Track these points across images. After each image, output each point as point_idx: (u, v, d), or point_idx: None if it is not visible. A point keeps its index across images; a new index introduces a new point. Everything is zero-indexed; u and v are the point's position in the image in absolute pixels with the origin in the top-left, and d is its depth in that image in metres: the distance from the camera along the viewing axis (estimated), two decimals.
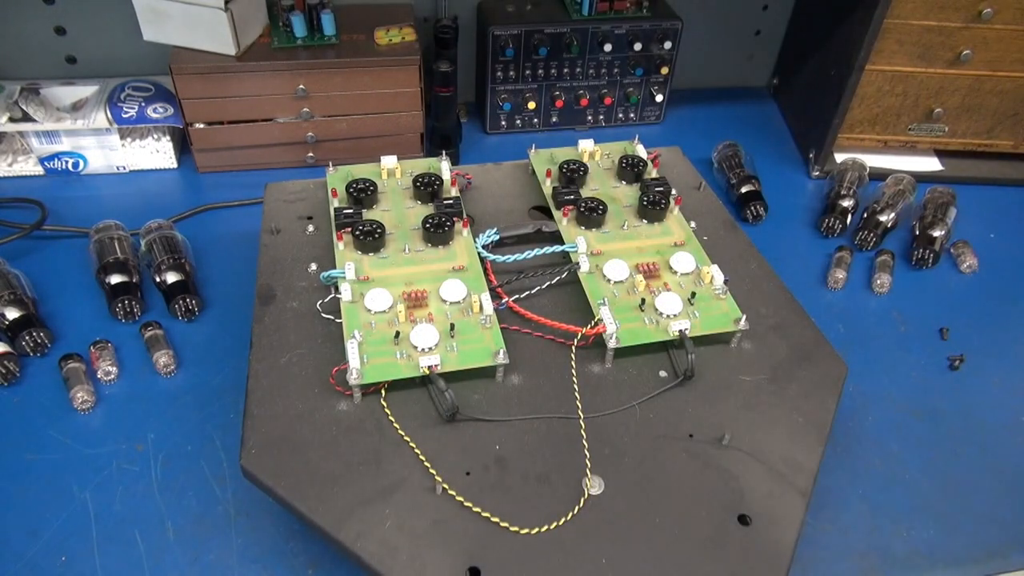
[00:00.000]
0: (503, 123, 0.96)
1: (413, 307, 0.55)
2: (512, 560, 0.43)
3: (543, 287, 0.59)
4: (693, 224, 0.65)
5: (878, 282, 0.77)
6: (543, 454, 0.48)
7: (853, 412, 0.65)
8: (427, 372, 0.49)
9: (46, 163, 0.85)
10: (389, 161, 0.68)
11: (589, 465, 0.47)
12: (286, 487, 0.45)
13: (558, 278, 0.59)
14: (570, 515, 0.45)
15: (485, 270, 0.59)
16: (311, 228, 0.64)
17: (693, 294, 0.57)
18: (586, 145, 0.72)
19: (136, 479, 0.57)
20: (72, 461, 0.58)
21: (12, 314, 0.64)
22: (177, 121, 0.83)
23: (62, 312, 0.69)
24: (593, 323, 0.55)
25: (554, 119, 0.97)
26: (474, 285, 0.57)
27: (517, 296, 0.58)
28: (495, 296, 0.57)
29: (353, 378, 0.49)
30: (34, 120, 0.81)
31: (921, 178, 0.89)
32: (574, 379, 0.53)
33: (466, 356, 0.51)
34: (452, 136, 0.90)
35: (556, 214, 0.64)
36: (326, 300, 0.56)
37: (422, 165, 0.69)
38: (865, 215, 0.83)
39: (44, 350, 0.65)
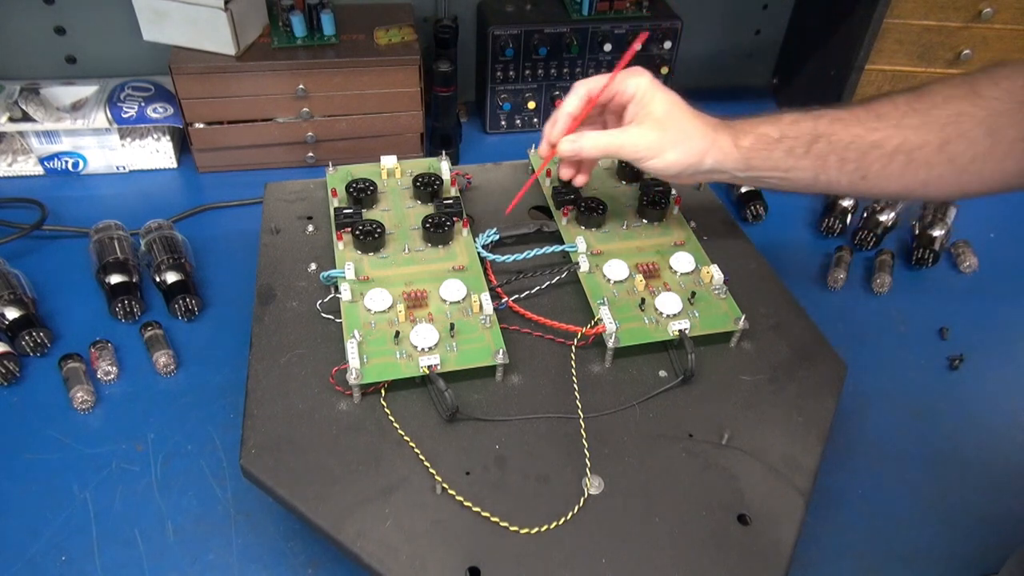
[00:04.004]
0: (503, 123, 0.96)
1: (413, 307, 0.55)
2: (512, 560, 0.43)
3: (543, 287, 0.59)
4: (693, 224, 0.65)
5: (878, 282, 0.77)
6: (543, 454, 0.48)
7: (853, 412, 0.65)
8: (427, 372, 0.49)
9: (46, 163, 0.85)
10: (389, 161, 0.67)
11: (589, 465, 0.47)
12: (286, 487, 0.45)
13: (558, 278, 0.59)
14: (570, 515, 0.45)
15: (485, 270, 0.59)
16: (311, 228, 0.64)
17: (693, 294, 0.57)
18: None
19: (136, 479, 0.57)
20: (72, 461, 0.58)
21: (12, 314, 0.64)
22: (177, 121, 0.83)
23: (62, 312, 0.69)
24: (593, 323, 0.55)
25: None
26: (474, 285, 0.57)
27: (517, 296, 0.58)
28: (495, 296, 0.57)
29: (353, 378, 0.49)
30: (34, 120, 0.81)
31: None
32: (574, 379, 0.53)
33: (466, 356, 0.51)
34: (452, 136, 0.90)
35: (556, 214, 0.64)
36: (326, 300, 0.56)
37: (422, 165, 0.69)
38: (865, 215, 0.83)
39: (44, 350, 0.65)
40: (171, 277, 0.69)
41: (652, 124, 0.54)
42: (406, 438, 0.48)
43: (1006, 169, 0.52)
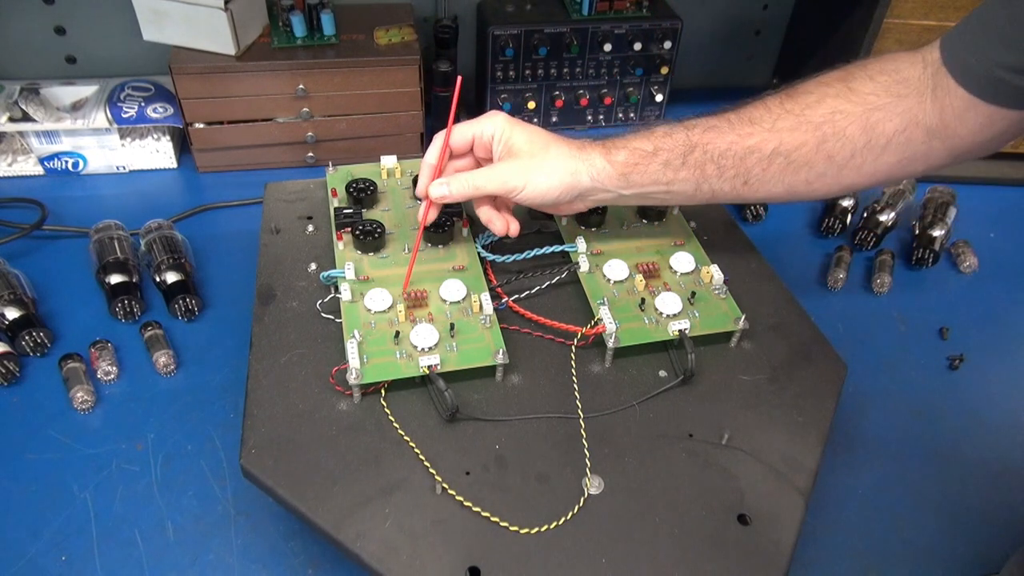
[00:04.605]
0: None
1: (413, 307, 0.55)
2: (512, 560, 0.43)
3: (543, 287, 0.59)
4: (693, 224, 0.65)
5: (878, 282, 0.77)
6: (543, 454, 0.48)
7: (853, 412, 0.65)
8: (427, 372, 0.49)
9: (46, 163, 0.85)
10: (389, 161, 0.68)
11: (589, 465, 0.47)
12: (286, 487, 0.45)
13: (558, 278, 0.59)
14: (570, 515, 0.45)
15: (485, 270, 0.59)
16: (311, 228, 0.64)
17: (693, 294, 0.57)
18: None
19: (136, 479, 0.57)
20: (72, 461, 0.58)
21: (12, 314, 0.64)
22: (177, 121, 0.83)
23: (62, 312, 0.69)
24: (593, 323, 0.55)
25: (554, 119, 0.97)
26: (474, 285, 0.57)
27: (517, 296, 0.58)
28: (495, 296, 0.57)
29: (353, 378, 0.49)
30: (34, 120, 0.81)
31: (921, 178, 0.89)
32: (574, 379, 0.53)
33: (466, 356, 0.51)
34: None
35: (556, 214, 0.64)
36: (326, 300, 0.56)
37: None
38: (865, 215, 0.83)
39: (44, 350, 0.65)
40: (171, 277, 0.69)
41: (516, 156, 0.54)
42: (406, 438, 0.48)
43: (886, 162, 0.52)
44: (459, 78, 0.55)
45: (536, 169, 0.54)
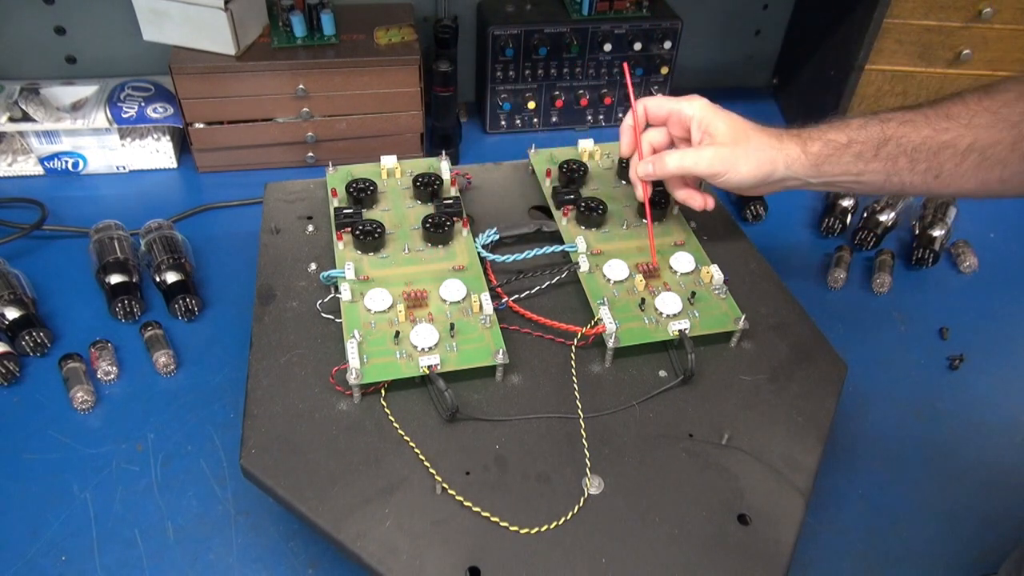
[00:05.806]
0: (503, 123, 0.96)
1: (413, 307, 0.55)
2: (512, 560, 0.43)
3: (543, 287, 0.59)
4: (693, 224, 0.65)
5: (878, 282, 0.77)
6: (543, 454, 0.48)
7: (853, 412, 0.65)
8: (427, 372, 0.49)
9: (46, 163, 0.85)
10: (389, 161, 0.67)
11: (589, 465, 0.47)
12: (286, 487, 0.45)
13: (558, 278, 0.59)
14: (570, 515, 0.45)
15: (485, 270, 0.59)
16: (311, 228, 0.64)
17: (693, 294, 0.57)
18: (586, 145, 0.71)
19: (136, 479, 0.57)
20: (72, 461, 0.58)
21: (12, 314, 0.64)
22: (177, 121, 0.83)
23: (62, 312, 0.69)
24: (593, 323, 0.55)
25: (554, 119, 0.97)
26: (474, 285, 0.57)
27: (517, 296, 0.58)
28: (495, 296, 0.57)
29: (353, 378, 0.49)
30: (34, 120, 0.81)
31: None
32: (574, 379, 0.53)
33: (466, 356, 0.51)
34: (452, 136, 0.90)
35: (556, 214, 0.64)
36: (326, 300, 0.56)
37: (422, 165, 0.69)
38: (865, 215, 0.83)
39: (44, 350, 0.65)
40: (171, 277, 0.69)
41: (718, 142, 0.56)
42: (406, 438, 0.48)
43: None
44: (625, 64, 0.63)
45: (741, 157, 0.56)
